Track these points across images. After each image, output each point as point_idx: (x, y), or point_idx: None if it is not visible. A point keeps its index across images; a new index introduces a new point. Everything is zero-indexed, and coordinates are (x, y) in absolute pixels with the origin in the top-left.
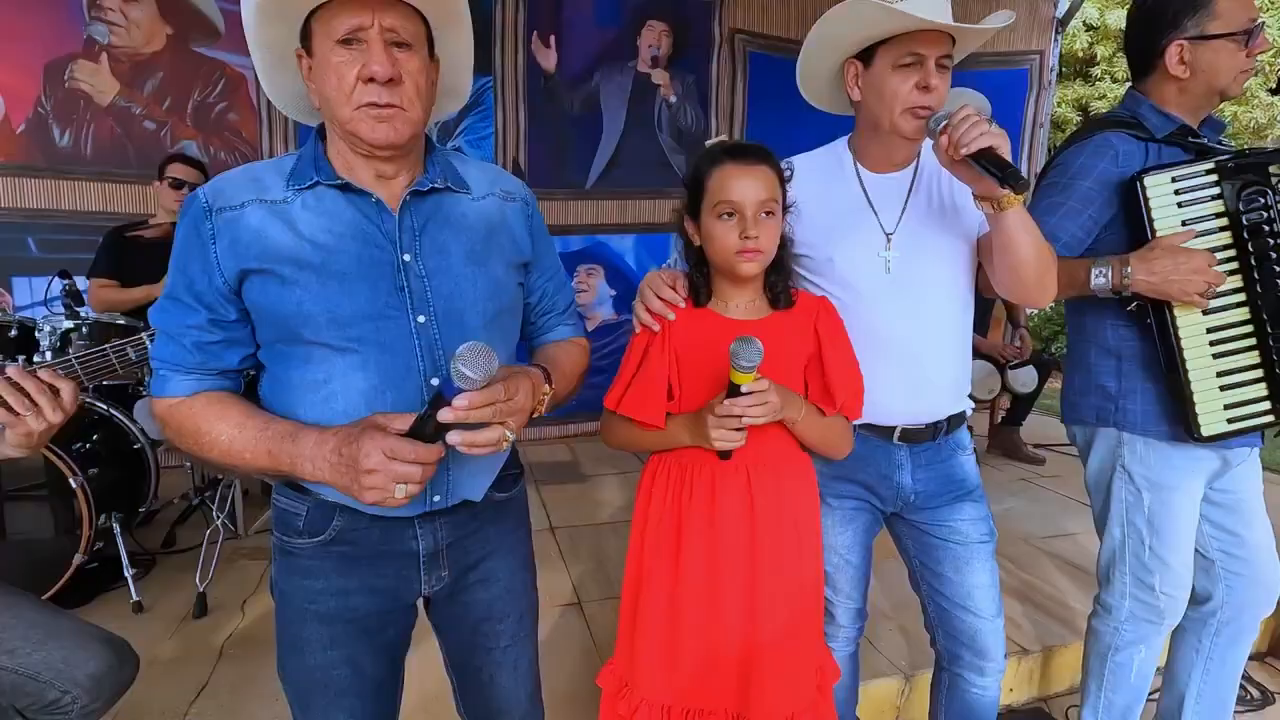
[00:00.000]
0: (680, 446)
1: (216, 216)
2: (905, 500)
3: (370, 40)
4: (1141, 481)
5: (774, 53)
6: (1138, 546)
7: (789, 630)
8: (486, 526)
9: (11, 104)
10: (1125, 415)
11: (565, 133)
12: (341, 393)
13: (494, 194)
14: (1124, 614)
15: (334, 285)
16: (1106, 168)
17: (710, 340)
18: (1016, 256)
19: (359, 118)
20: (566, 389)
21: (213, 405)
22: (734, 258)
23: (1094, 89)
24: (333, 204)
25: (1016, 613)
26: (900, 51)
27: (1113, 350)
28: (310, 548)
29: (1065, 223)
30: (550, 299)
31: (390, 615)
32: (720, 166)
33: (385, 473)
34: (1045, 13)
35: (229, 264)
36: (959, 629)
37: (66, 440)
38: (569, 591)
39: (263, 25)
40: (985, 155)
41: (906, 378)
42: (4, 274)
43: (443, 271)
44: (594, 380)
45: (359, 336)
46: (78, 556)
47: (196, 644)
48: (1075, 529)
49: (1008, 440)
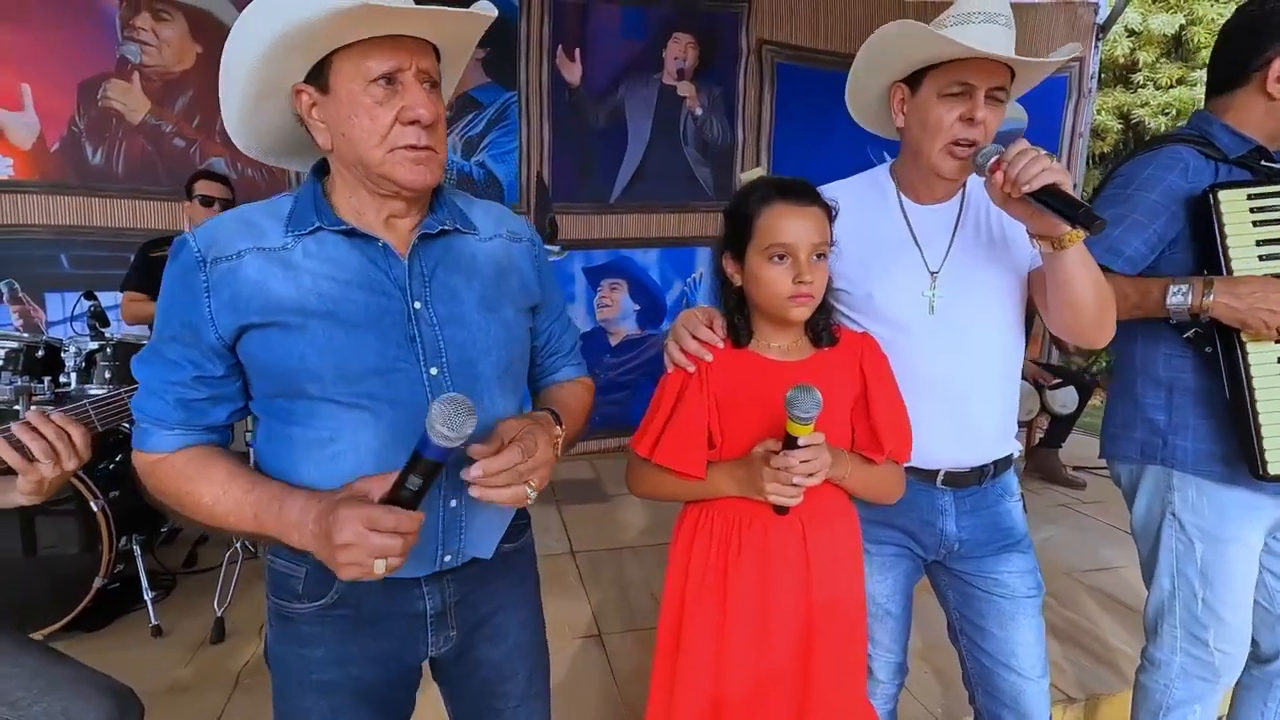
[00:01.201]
0: (721, 496)
1: (211, 268)
2: (949, 548)
3: (408, 82)
4: (1193, 530)
5: (802, 63)
6: (1189, 599)
7: (839, 691)
8: (494, 581)
9: (47, 123)
10: (1175, 452)
11: (590, 146)
12: (349, 451)
13: (500, 235)
14: (1174, 670)
15: (341, 337)
16: (1175, 181)
17: (752, 383)
18: (1075, 295)
19: (395, 160)
20: (575, 431)
21: (194, 462)
22: (785, 303)
23: (1136, 96)
24: (336, 250)
25: (1058, 655)
26: (948, 79)
27: (1163, 382)
28: (309, 613)
29: (1129, 236)
30: (557, 340)
31: (394, 681)
32: (771, 206)
33: (361, 547)
34: (1085, 19)
35: (226, 320)
36: (1001, 688)
37: (91, 462)
38: (589, 622)
39: (273, 61)
40: (1048, 192)
41: (951, 419)
42: (37, 290)
43: (455, 319)
44: (616, 396)
45: (368, 392)
46: (97, 580)
47: (213, 671)
48: (1121, 561)
49: (1046, 462)
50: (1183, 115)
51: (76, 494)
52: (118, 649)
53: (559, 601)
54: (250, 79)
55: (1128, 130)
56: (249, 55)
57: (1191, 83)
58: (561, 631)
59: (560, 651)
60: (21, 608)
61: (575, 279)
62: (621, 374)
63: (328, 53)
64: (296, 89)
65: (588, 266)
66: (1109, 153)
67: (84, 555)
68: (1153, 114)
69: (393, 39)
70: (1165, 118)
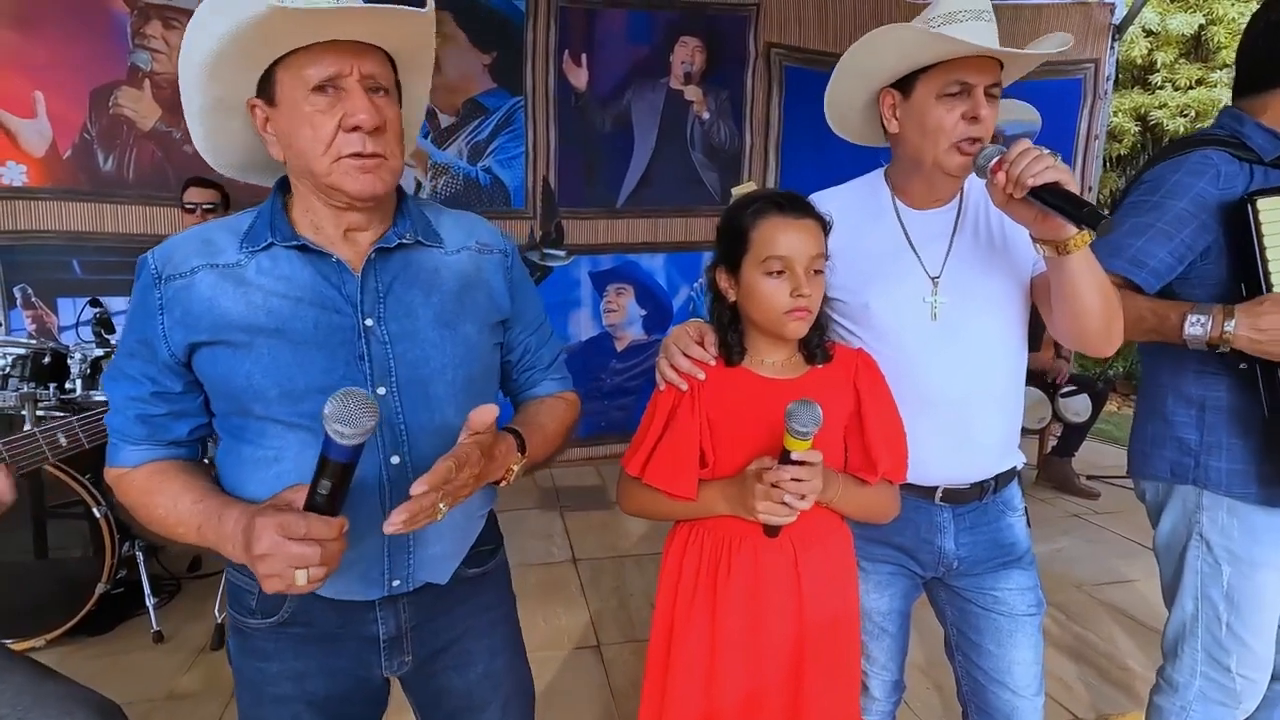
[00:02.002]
0: (713, 515)
1: (165, 285)
2: (947, 566)
3: (349, 88)
4: (1221, 553)
5: (810, 66)
6: (1213, 622)
7: (831, 712)
8: (457, 606)
9: (59, 130)
10: (1207, 472)
11: (596, 151)
12: (294, 471)
13: (469, 247)
14: (1193, 694)
15: (287, 355)
16: (1205, 188)
17: (745, 401)
18: (1080, 303)
19: (340, 169)
20: (546, 451)
21: (154, 477)
22: (782, 317)
23: (1154, 97)
24: (289, 267)
25: (1068, 673)
26: (945, 80)
27: (1195, 400)
28: (264, 628)
29: (1153, 247)
30: (534, 354)
31: (353, 695)
32: (768, 219)
33: (278, 556)
34: (1100, 19)
35: (178, 337)
36: (995, 706)
37: (95, 467)
38: (587, 632)
39: (217, 77)
40: (1052, 191)
41: (951, 434)
42: (49, 295)
43: (408, 336)
44: (622, 401)
45: (312, 412)
46: (100, 585)
47: (213, 677)
48: (1135, 575)
49: (1058, 472)
50: (1202, 116)
51: (80, 500)
52: (120, 654)
53: (559, 609)
54: (201, 92)
55: (1145, 132)
56: (193, 70)
57: (1211, 84)
58: (560, 641)
59: (557, 661)
60: (27, 612)
61: (581, 283)
62: (627, 379)
63: (269, 64)
64: (250, 103)
65: (594, 271)
66: (1126, 155)
67: (88, 561)
68: (1171, 115)
69: (332, 45)
70: (1184, 119)
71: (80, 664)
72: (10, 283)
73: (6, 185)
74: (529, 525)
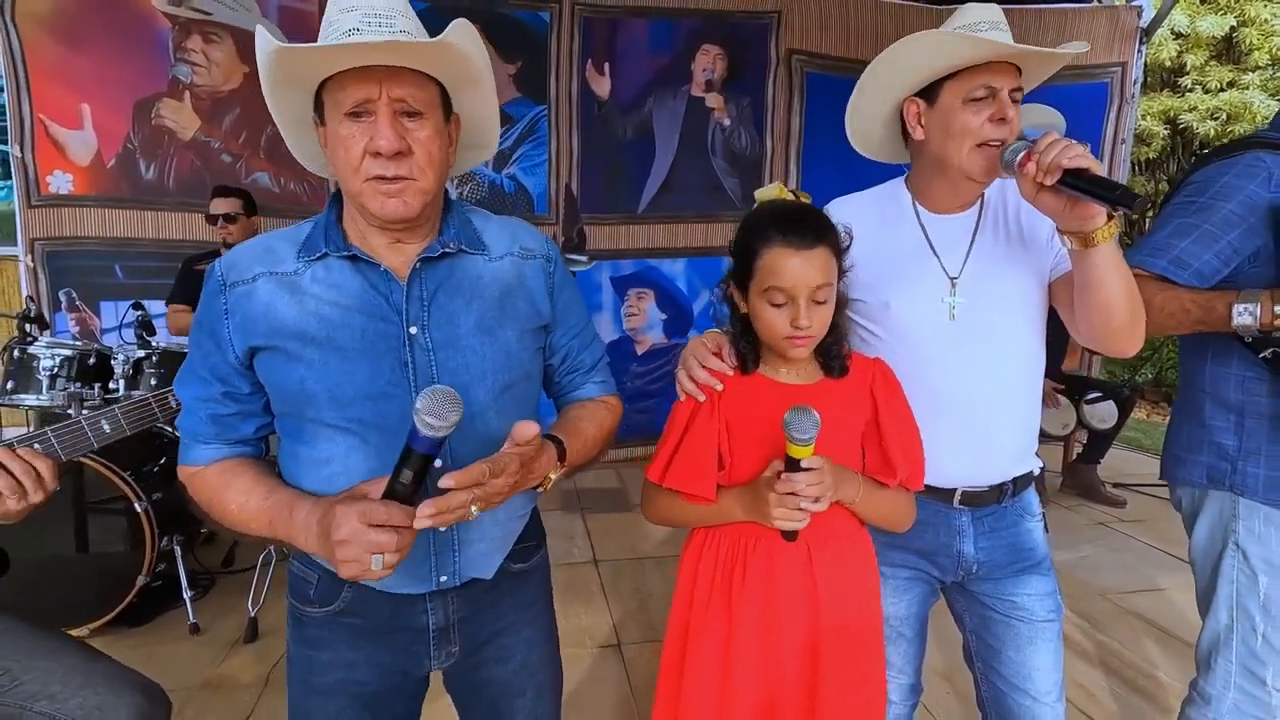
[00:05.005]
0: (732, 521)
1: (229, 291)
2: (966, 570)
3: (379, 112)
4: (1259, 563)
5: (832, 73)
6: (1248, 634)
7: (849, 716)
8: (502, 600)
9: (104, 140)
10: (1245, 479)
11: (618, 158)
12: (344, 474)
13: (512, 253)
14: (1226, 706)
15: (335, 362)
16: (1256, 190)
17: (762, 407)
18: (1105, 299)
19: (368, 192)
20: (586, 456)
21: (224, 474)
22: (783, 342)
23: (1183, 100)
24: (341, 275)
25: (1094, 683)
26: (971, 84)
27: (1234, 405)
28: (320, 617)
29: (1197, 249)
30: (575, 357)
31: (398, 690)
32: (772, 249)
33: (356, 542)
34: (1128, 22)
35: (240, 340)
36: (1015, 712)
37: (137, 463)
38: (609, 632)
39: (276, 93)
40: (1082, 175)
41: (969, 435)
42: (93, 299)
43: (450, 344)
44: (644, 405)
45: (359, 417)
46: (140, 578)
47: (245, 670)
48: (1163, 583)
49: (1084, 479)
50: (1234, 120)
51: (122, 496)
52: (157, 644)
53: (580, 609)
54: (275, 110)
55: (1174, 136)
56: (265, 90)
57: (1243, 86)
58: (581, 641)
59: (579, 660)
60: (71, 603)
61: (603, 288)
62: (648, 382)
63: (315, 89)
64: (313, 121)
65: (615, 276)
66: (1155, 159)
67: (128, 554)
68: (1201, 119)
69: (363, 70)
70: (1214, 122)
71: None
72: (56, 287)
73: (54, 193)
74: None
